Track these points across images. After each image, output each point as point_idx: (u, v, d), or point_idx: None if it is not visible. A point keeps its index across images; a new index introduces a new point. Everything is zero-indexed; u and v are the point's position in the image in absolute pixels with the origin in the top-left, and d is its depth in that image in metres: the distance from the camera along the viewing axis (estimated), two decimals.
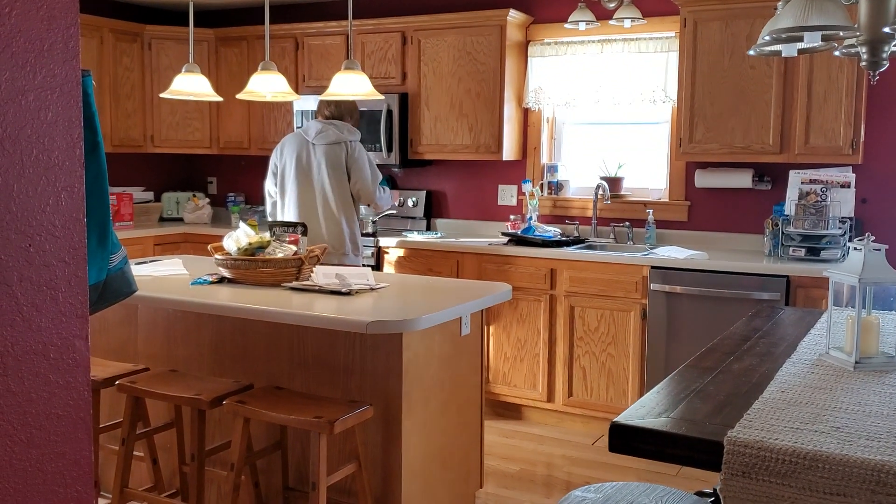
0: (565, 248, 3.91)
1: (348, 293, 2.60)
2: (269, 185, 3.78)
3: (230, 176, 5.50)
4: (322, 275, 2.71)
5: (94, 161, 1.21)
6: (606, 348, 3.70)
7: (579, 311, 3.75)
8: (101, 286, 1.28)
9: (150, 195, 5.22)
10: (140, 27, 4.88)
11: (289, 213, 3.68)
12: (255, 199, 5.37)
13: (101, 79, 4.68)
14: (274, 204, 3.78)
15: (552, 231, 4.08)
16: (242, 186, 5.46)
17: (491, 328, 3.97)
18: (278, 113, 4.86)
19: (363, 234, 4.30)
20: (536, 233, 4.03)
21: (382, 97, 3.13)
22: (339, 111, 3.71)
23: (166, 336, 2.91)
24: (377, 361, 2.47)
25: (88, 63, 4.59)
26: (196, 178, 5.61)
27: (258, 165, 5.38)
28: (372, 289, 2.70)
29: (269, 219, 3.82)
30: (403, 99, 4.39)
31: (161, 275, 3.02)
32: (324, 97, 2.91)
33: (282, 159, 3.73)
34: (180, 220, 5.22)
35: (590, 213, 4.24)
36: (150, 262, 3.29)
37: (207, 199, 5.26)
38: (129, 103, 4.87)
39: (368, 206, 3.77)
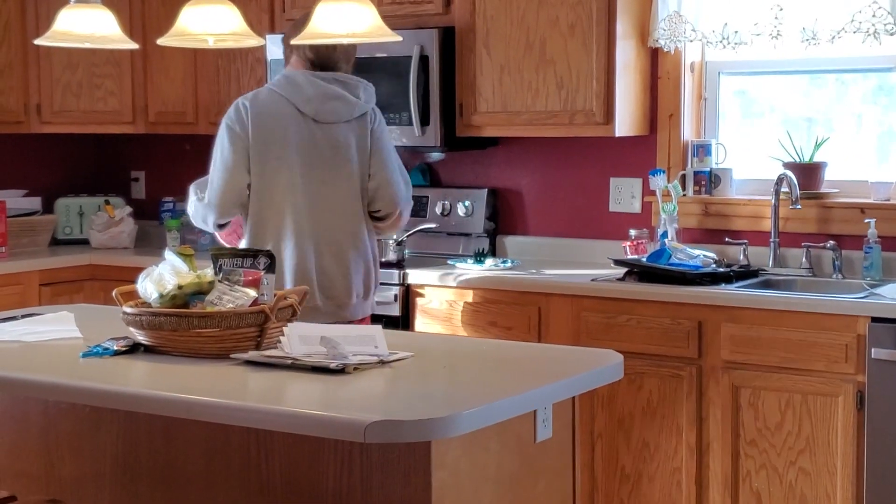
0: (724, 285, 3.90)
1: (342, 370, 2.60)
2: (239, 182, 3.67)
3: (166, 169, 5.57)
4: (298, 338, 2.70)
5: None
6: (797, 459, 3.67)
7: (749, 396, 3.72)
8: None
9: (35, 203, 5.32)
10: None
11: (285, 244, 3.62)
12: None
13: None
14: (236, 225, 3.74)
15: (701, 256, 4.06)
16: (187, 185, 5.44)
17: (594, 427, 3.96)
18: (242, 65, 4.93)
19: (383, 263, 4.30)
20: (674, 260, 4.02)
21: (400, 38, 3.08)
22: (342, 54, 3.71)
23: (43, 444, 2.91)
24: (389, 488, 2.45)
25: None
26: (111, 174, 5.69)
27: (210, 150, 5.38)
28: (383, 362, 2.69)
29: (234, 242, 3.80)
30: (447, 37, 4.42)
31: (37, 339, 3.01)
32: (299, 41, 2.89)
33: (259, 140, 3.64)
34: (85, 242, 5.31)
35: (766, 226, 4.22)
36: (24, 316, 3.30)
37: (129, 209, 5.34)
38: (0, 53, 4.95)
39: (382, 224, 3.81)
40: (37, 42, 3.37)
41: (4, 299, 4.52)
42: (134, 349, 2.84)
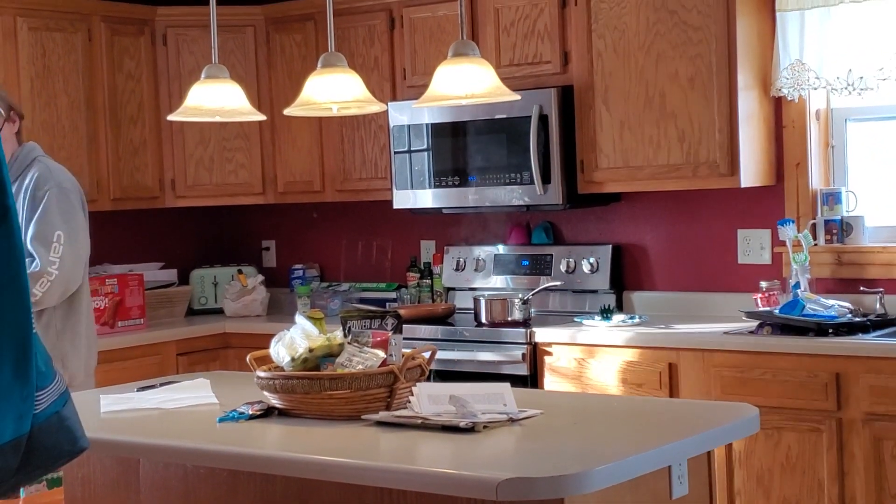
0: (861, 335, 3.82)
1: (471, 429, 2.60)
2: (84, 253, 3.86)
3: (296, 237, 5.67)
4: (427, 398, 2.72)
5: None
6: None
7: (892, 448, 3.62)
8: (24, 444, 1.27)
9: (171, 275, 5.42)
10: (149, 11, 5.14)
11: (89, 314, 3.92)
12: (333, 271, 5.50)
13: (92, 95, 4.95)
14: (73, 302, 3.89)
15: (836, 307, 3.99)
16: (315, 253, 5.60)
17: (734, 482, 3.90)
18: (366, 132, 5.00)
19: (509, 322, 4.39)
20: (807, 311, 3.96)
21: (519, 97, 3.10)
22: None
23: None
24: None
25: (71, 70, 4.86)
26: (243, 244, 5.79)
27: (337, 217, 5.49)
28: (512, 420, 2.69)
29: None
30: (566, 96, 4.44)
31: (176, 406, 3.07)
32: (421, 104, 2.92)
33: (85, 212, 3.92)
34: (220, 311, 5.39)
35: None
36: (162, 384, 3.37)
37: (261, 278, 5.41)
38: (136, 131, 5.10)
39: None
40: (170, 118, 3.48)
41: (144, 369, 4.60)
42: (268, 413, 2.88)
